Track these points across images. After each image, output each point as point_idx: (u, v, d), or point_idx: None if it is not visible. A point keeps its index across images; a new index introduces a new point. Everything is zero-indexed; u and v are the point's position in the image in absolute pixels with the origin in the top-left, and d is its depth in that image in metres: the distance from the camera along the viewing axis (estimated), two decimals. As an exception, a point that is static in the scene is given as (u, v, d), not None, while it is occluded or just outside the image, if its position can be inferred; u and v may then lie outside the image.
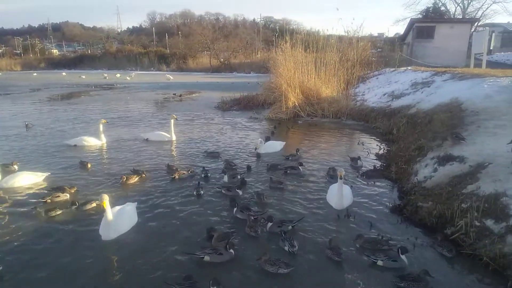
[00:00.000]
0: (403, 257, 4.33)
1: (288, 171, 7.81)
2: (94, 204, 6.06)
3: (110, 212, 5.06)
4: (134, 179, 7.29)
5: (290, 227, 5.14)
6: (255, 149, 9.54)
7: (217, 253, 4.53)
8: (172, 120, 10.90)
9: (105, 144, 10.59)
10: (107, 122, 11.23)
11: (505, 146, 5.79)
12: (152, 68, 61.72)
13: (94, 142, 10.48)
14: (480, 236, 4.59)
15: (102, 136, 10.60)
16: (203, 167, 7.93)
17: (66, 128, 13.21)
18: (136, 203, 5.93)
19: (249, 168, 8.14)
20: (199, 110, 17.59)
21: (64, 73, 45.55)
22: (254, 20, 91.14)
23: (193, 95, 24.99)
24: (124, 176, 7.21)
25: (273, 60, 16.69)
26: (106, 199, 4.98)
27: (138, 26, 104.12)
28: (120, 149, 10.15)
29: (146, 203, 6.33)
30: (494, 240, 4.42)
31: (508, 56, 40.84)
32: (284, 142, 10.07)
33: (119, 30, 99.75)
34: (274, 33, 17.86)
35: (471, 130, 7.44)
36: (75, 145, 10.31)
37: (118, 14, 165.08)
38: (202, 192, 6.60)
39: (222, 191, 6.70)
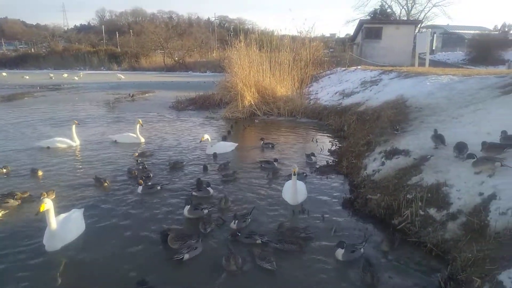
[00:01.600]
0: (341, 251, 4.43)
1: (263, 165, 8.07)
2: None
3: (54, 220, 4.73)
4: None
5: (259, 241, 4.90)
6: (200, 141, 9.50)
7: (194, 249, 4.56)
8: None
9: (79, 146, 10.19)
10: (78, 124, 10.80)
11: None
12: (102, 68, 58.93)
13: (67, 143, 10.11)
14: (424, 224, 4.89)
15: (75, 137, 10.25)
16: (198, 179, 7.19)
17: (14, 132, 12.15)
18: (83, 209, 5.59)
19: (205, 168, 8.06)
20: (153, 110, 17.08)
21: (4, 73, 42.08)
22: (208, 19, 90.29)
23: (147, 95, 24.23)
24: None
25: (228, 59, 16.65)
26: (46, 203, 4.59)
27: (86, 24, 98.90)
28: (94, 151, 9.75)
29: (96, 208, 6.03)
30: (437, 227, 4.73)
31: (448, 56, 44.10)
32: (236, 144, 9.97)
33: (65, 28, 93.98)
34: (229, 32, 17.74)
35: (415, 125, 7.92)
36: (48, 147, 9.85)
37: (64, 11, 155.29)
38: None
39: (193, 192, 6.57)
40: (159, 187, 6.76)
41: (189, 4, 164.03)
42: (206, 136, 9.41)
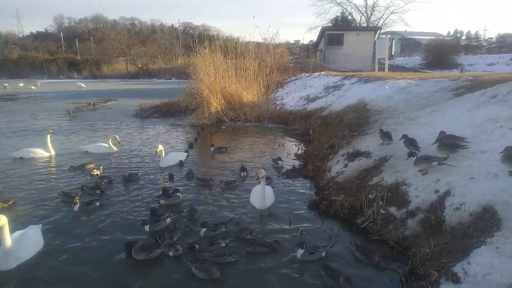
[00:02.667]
0: (301, 251, 4.57)
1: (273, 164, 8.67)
2: None
3: (8, 238, 4.44)
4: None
5: (224, 244, 4.90)
6: (156, 153, 8.93)
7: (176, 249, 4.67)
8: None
9: (54, 156, 9.76)
10: (53, 133, 10.42)
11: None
12: (61, 76, 56.75)
13: (41, 154, 9.65)
14: (386, 223, 5.07)
15: (50, 147, 9.82)
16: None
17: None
18: (41, 225, 5.29)
19: (171, 176, 7.92)
20: (116, 118, 16.60)
21: (-48, 83, 39.43)
22: (172, 25, 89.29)
23: (109, 103, 23.56)
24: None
25: (193, 66, 16.55)
26: (0, 220, 4.30)
27: (44, 30, 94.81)
28: (69, 161, 9.30)
29: (56, 223, 5.73)
30: (397, 225, 4.92)
31: (407, 60, 46.35)
32: (187, 153, 9.52)
33: (20, 35, 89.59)
34: (194, 39, 17.64)
35: (375, 128, 8.20)
36: (21, 158, 9.46)
37: (18, 17, 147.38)
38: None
39: (160, 201, 6.40)
40: (98, 203, 6.26)
41: (152, 10, 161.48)
42: (161, 147, 8.91)
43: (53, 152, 9.90)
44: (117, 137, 10.45)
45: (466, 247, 3.69)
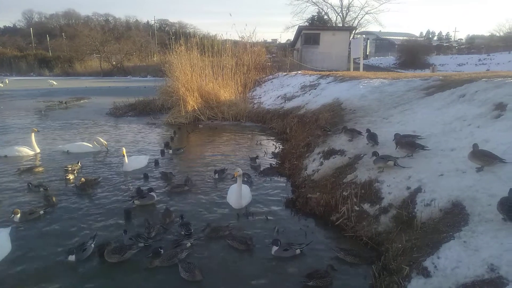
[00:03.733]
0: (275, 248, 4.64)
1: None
2: None
3: None
4: None
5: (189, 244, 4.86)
6: (123, 156, 8.25)
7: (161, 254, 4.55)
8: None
9: (39, 154, 9.57)
10: (38, 131, 10.22)
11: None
12: (32, 73, 54.54)
13: (27, 152, 9.56)
14: (360, 219, 5.17)
15: (35, 145, 9.66)
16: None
17: None
18: (10, 228, 5.09)
19: (146, 176, 7.77)
20: (89, 117, 16.10)
21: None
22: (148, 22, 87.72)
23: (82, 101, 22.85)
24: None
25: (169, 63, 16.30)
26: None
27: (11, 26, 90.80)
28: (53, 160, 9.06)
29: (27, 226, 5.48)
30: (371, 221, 5.02)
31: (381, 60, 47.52)
32: (149, 156, 8.99)
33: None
34: (170, 36, 17.37)
35: (349, 126, 8.33)
36: (5, 156, 9.32)
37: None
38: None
39: (134, 201, 6.22)
40: (41, 212, 5.84)
41: (127, 7, 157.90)
42: (124, 150, 8.30)
43: (38, 150, 9.74)
44: (105, 143, 10.09)
45: (436, 242, 3.81)
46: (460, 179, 4.61)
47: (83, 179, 7.18)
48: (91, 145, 9.99)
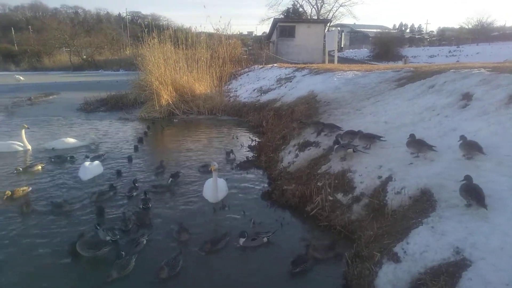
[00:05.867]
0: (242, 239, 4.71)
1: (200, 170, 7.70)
2: None
3: None
4: None
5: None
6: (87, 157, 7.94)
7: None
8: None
9: (31, 150, 9.38)
10: (28, 128, 9.98)
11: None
12: (-4, 68, 52.10)
13: (17, 148, 9.39)
14: (334, 209, 5.26)
15: (26, 142, 9.54)
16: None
17: None
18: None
19: (119, 173, 7.58)
20: (58, 113, 15.48)
21: None
22: (119, 14, 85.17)
23: (51, 97, 21.98)
24: None
25: (142, 56, 15.92)
26: None
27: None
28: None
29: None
30: (344, 210, 5.12)
31: (355, 53, 48.23)
32: (100, 164, 7.82)
33: None
34: (143, 29, 16.96)
35: (324, 118, 8.45)
36: None
37: None
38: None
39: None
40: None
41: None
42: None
43: (29, 147, 9.52)
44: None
45: (405, 228, 3.94)
46: (429, 167, 4.77)
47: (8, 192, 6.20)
48: (75, 141, 9.84)
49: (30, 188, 6.54)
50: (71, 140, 9.85)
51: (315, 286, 4.02)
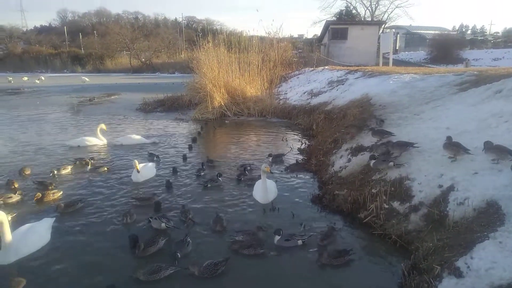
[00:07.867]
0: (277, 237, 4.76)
1: (208, 185, 7.00)
2: None
3: (8, 233, 4.42)
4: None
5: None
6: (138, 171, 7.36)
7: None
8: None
9: (106, 144, 10.55)
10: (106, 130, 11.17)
11: (406, 135, 6.52)
12: (65, 70, 56.88)
13: (96, 142, 10.47)
14: (389, 217, 5.07)
15: (101, 137, 10.61)
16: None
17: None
18: (54, 218, 5.33)
19: (175, 170, 7.93)
20: (119, 112, 16.63)
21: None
22: (176, 19, 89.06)
23: (112, 97, 23.59)
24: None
25: (197, 60, 16.52)
26: None
27: (47, 25, 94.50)
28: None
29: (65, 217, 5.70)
30: (400, 219, 4.93)
31: (411, 55, 46.07)
32: (155, 165, 8.07)
33: (24, 29, 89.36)
34: (197, 33, 17.61)
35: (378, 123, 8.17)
36: (78, 146, 10.22)
37: (22, 11, 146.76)
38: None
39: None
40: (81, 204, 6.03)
41: (155, 4, 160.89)
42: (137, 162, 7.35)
43: (105, 141, 10.56)
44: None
45: (469, 241, 3.70)
46: (496, 178, 4.44)
47: (61, 204, 5.97)
48: (140, 137, 10.61)
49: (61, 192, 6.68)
50: (136, 137, 10.56)
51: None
